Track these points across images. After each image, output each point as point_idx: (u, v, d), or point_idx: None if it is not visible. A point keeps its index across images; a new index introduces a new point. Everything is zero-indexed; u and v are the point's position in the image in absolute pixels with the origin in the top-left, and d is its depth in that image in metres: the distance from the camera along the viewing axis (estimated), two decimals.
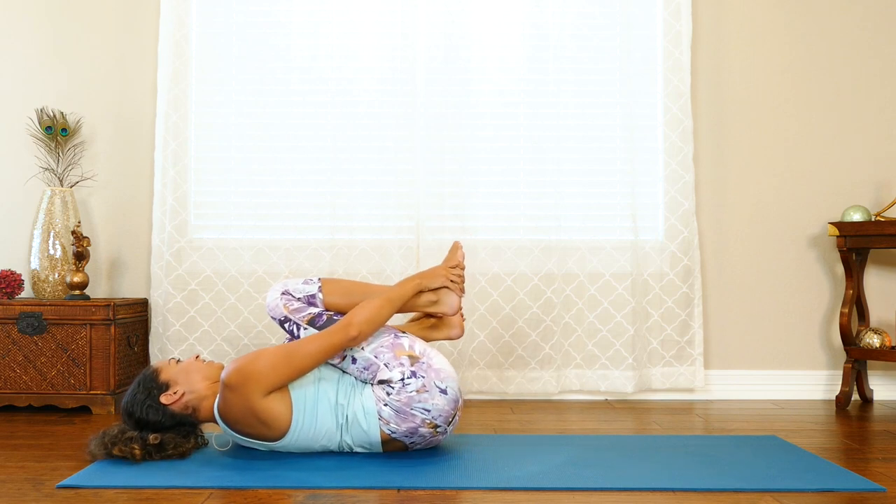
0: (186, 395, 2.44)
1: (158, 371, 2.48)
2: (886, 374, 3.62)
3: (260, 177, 3.57)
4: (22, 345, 3.23)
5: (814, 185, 3.66)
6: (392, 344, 2.45)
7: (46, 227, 3.45)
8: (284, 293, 2.50)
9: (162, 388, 2.44)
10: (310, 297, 2.50)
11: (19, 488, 2.17)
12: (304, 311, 2.49)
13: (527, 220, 3.56)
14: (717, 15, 3.66)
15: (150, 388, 2.44)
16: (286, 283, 2.53)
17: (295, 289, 2.51)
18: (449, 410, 2.42)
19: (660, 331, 3.56)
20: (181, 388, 2.45)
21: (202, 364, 2.52)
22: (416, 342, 2.50)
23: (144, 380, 2.47)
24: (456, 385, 2.45)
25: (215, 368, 2.52)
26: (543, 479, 2.24)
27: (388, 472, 2.30)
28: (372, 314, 2.42)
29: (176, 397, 2.43)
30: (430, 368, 2.42)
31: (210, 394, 2.47)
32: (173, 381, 2.46)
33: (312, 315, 2.48)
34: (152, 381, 2.46)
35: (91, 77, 3.65)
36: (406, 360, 2.42)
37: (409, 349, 2.45)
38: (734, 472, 2.32)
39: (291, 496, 2.09)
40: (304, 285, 2.52)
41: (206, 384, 2.47)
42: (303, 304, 2.50)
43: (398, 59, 3.55)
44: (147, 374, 2.49)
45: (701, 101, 3.65)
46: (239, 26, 3.58)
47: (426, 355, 2.46)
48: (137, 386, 2.47)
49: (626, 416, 3.21)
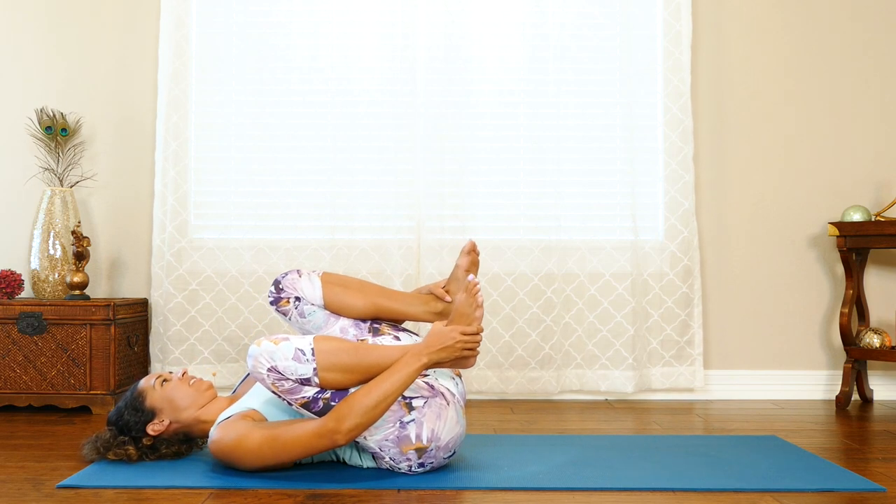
0: (173, 424, 2.40)
1: (144, 395, 2.41)
2: (886, 374, 3.62)
3: (260, 177, 3.57)
4: (22, 345, 3.23)
5: (814, 185, 3.66)
6: (398, 438, 2.21)
7: (46, 227, 3.45)
8: (272, 370, 2.13)
9: (148, 417, 2.39)
10: (303, 380, 2.14)
11: (19, 488, 2.17)
12: (298, 393, 2.15)
13: (527, 220, 3.56)
14: (717, 15, 3.66)
15: (136, 414, 2.39)
16: (272, 355, 2.13)
17: (285, 367, 2.13)
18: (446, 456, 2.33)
19: (660, 331, 3.56)
20: (166, 416, 2.39)
21: (187, 388, 2.42)
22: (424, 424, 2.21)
23: (132, 401, 2.41)
24: (462, 437, 2.32)
25: (201, 391, 2.43)
26: (543, 479, 2.24)
27: (389, 472, 2.29)
28: (363, 420, 2.12)
29: (162, 427, 2.39)
30: (438, 450, 2.25)
31: (196, 422, 2.41)
32: (158, 409, 2.39)
33: (307, 399, 2.16)
34: (138, 407, 2.40)
35: (91, 77, 3.65)
36: (413, 455, 2.23)
37: (416, 441, 2.21)
38: (734, 472, 2.32)
39: (291, 496, 2.09)
40: (295, 363, 2.13)
41: (190, 412, 2.40)
42: (295, 384, 2.14)
43: (398, 59, 3.55)
44: (133, 395, 2.42)
45: (701, 100, 3.65)
46: (239, 26, 3.58)
47: (435, 437, 2.22)
48: (125, 407, 2.41)
49: (626, 416, 3.21)
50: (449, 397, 2.27)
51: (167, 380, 2.44)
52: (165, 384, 2.43)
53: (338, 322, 2.45)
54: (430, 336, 2.21)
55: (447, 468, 2.34)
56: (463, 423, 2.31)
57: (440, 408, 2.24)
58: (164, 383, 2.43)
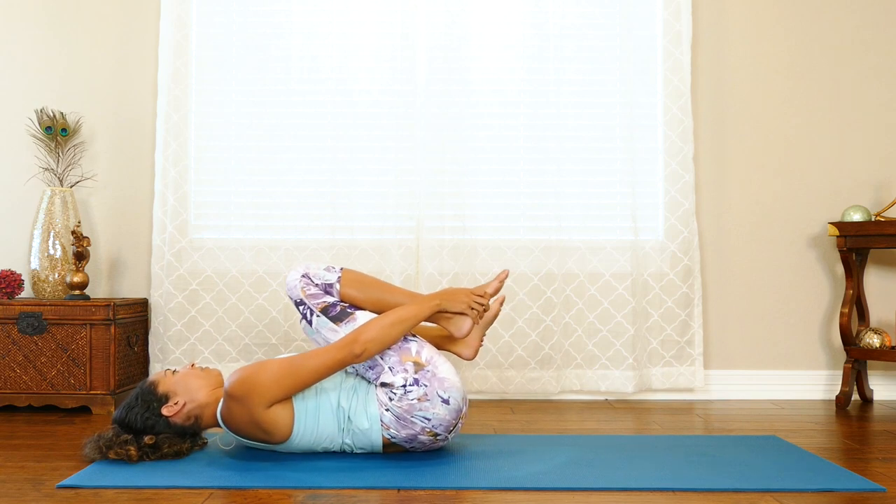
0: (188, 404, 2.43)
1: (156, 383, 2.45)
2: (886, 374, 3.62)
3: (260, 177, 3.57)
4: (22, 345, 3.23)
5: (814, 185, 3.66)
6: (399, 347, 2.42)
7: (46, 227, 3.45)
8: (304, 276, 2.50)
9: (162, 401, 2.42)
10: (327, 286, 2.50)
11: (19, 488, 2.17)
12: (320, 297, 2.48)
13: (527, 220, 3.57)
14: (717, 15, 3.66)
15: (149, 401, 2.42)
16: (308, 265, 2.53)
17: (315, 274, 2.51)
18: (450, 420, 2.40)
19: (660, 331, 3.56)
20: (181, 398, 2.42)
21: (199, 371, 2.49)
22: (424, 348, 2.45)
23: (142, 393, 2.44)
24: (460, 395, 2.41)
25: (213, 375, 2.50)
26: (543, 479, 2.24)
27: (388, 472, 2.30)
28: (381, 334, 2.37)
29: (178, 408, 2.41)
30: (434, 377, 2.38)
31: (211, 401, 2.45)
32: (172, 392, 2.43)
33: (327, 304, 2.47)
34: (151, 394, 2.43)
35: (91, 77, 3.65)
36: (410, 367, 2.38)
37: (415, 355, 2.41)
38: (734, 472, 2.33)
39: (292, 496, 2.09)
40: (325, 272, 2.52)
41: (206, 392, 2.45)
42: (320, 290, 2.49)
43: (398, 59, 3.55)
44: (144, 387, 2.45)
45: (701, 100, 3.65)
46: (239, 26, 3.58)
47: (432, 363, 2.40)
48: (135, 400, 2.43)
49: (626, 416, 3.21)
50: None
51: (176, 371, 2.51)
52: (176, 373, 2.49)
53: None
54: (443, 290, 2.57)
55: (447, 468, 2.34)
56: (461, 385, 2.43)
57: (440, 352, 2.50)
58: (175, 373, 2.49)
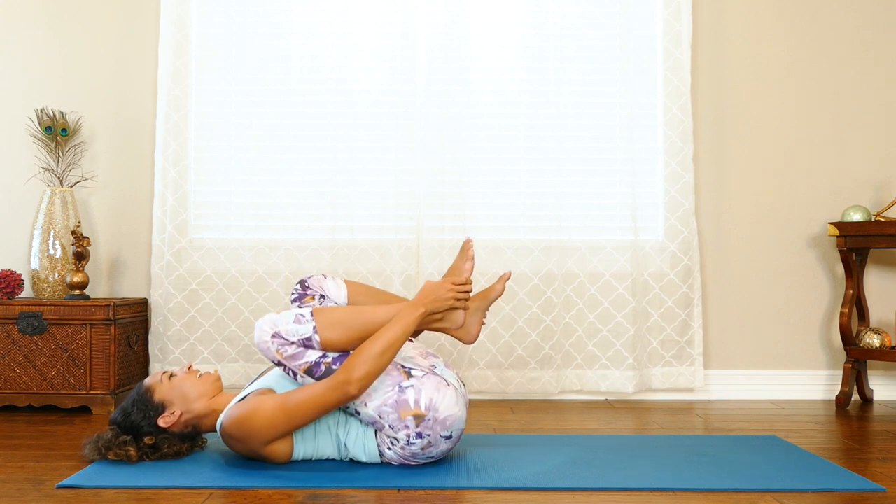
0: (185, 415, 2.40)
1: (152, 391, 2.41)
2: (886, 374, 3.62)
3: (260, 177, 3.57)
4: (22, 345, 3.23)
5: (814, 185, 3.66)
6: (396, 402, 2.26)
7: (46, 227, 3.45)
8: (275, 336, 2.24)
9: (158, 410, 2.38)
10: (304, 340, 2.25)
11: (19, 488, 2.17)
12: (301, 357, 2.25)
13: (527, 220, 3.57)
14: (717, 15, 3.66)
15: (145, 409, 2.38)
16: (275, 322, 2.25)
17: (287, 331, 2.24)
18: (451, 447, 2.36)
19: (660, 331, 3.56)
20: (177, 408, 2.39)
21: (196, 379, 2.43)
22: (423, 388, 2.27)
23: (139, 400, 2.40)
24: (462, 424, 2.34)
25: (210, 381, 2.44)
26: (543, 479, 2.24)
27: (388, 472, 2.30)
28: (372, 367, 2.21)
29: (174, 419, 2.38)
30: (436, 423, 2.27)
31: (209, 412, 2.41)
32: (168, 401, 2.39)
33: (309, 364, 2.25)
34: (147, 402, 2.39)
35: (91, 77, 3.65)
36: (412, 422, 2.26)
37: (413, 407, 2.26)
38: (734, 472, 2.33)
39: (292, 496, 2.09)
40: (296, 325, 2.25)
41: (203, 402, 2.41)
42: (298, 347, 2.25)
43: (398, 59, 3.55)
44: (140, 393, 2.41)
45: (701, 100, 3.65)
46: (239, 26, 3.58)
47: (433, 407, 2.26)
48: (131, 406, 2.40)
49: (626, 416, 3.21)
50: (451, 381, 2.33)
51: (173, 374, 2.45)
52: (173, 378, 2.43)
53: None
54: (423, 290, 2.36)
55: (447, 468, 2.34)
56: (463, 411, 2.33)
57: (439, 384, 2.30)
58: (171, 378, 2.43)
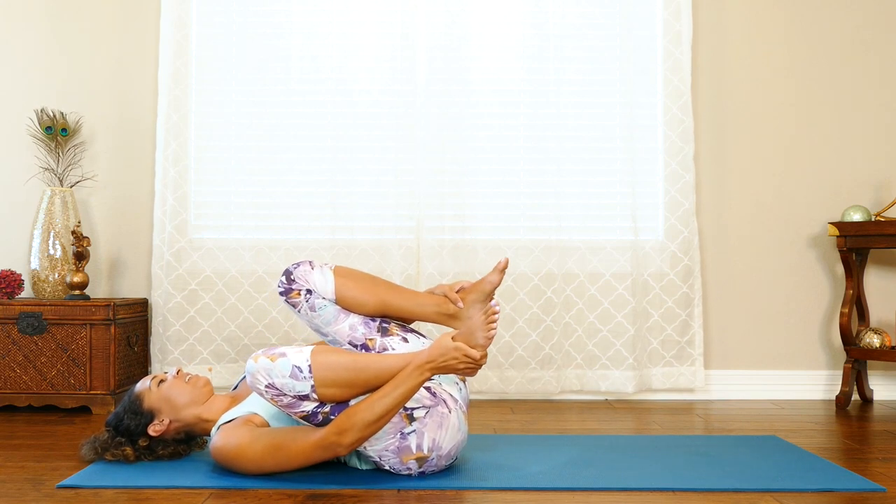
0: (173, 423, 2.40)
1: (141, 398, 2.41)
2: (886, 374, 3.62)
3: (260, 177, 3.57)
4: (22, 345, 3.23)
5: (814, 185, 3.66)
6: (398, 448, 2.20)
7: (46, 227, 3.45)
8: (269, 387, 2.12)
9: (147, 418, 2.39)
10: (301, 396, 2.13)
11: (19, 488, 2.17)
12: (297, 407, 2.15)
13: (527, 220, 3.56)
14: (717, 15, 3.66)
15: (135, 416, 2.39)
16: (270, 372, 2.12)
17: (283, 384, 2.11)
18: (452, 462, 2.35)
19: (660, 331, 3.56)
20: (166, 416, 2.40)
21: (184, 385, 2.42)
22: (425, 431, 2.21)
23: (130, 406, 2.41)
24: (464, 443, 2.32)
25: (199, 389, 2.43)
26: (543, 479, 2.24)
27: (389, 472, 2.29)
28: (366, 434, 2.13)
29: (163, 427, 2.39)
30: (440, 458, 2.25)
31: (197, 420, 2.41)
32: (157, 409, 2.39)
33: (306, 413, 2.16)
34: (137, 410, 2.40)
35: (91, 77, 3.65)
36: (414, 464, 2.23)
37: (416, 451, 2.21)
38: (734, 472, 2.32)
39: (291, 496, 2.09)
40: (292, 381, 2.11)
41: (191, 410, 2.40)
42: (294, 399, 2.13)
43: (398, 59, 3.55)
44: (131, 398, 2.42)
45: (701, 100, 3.65)
46: (239, 26, 3.58)
47: (436, 447, 2.22)
48: (124, 412, 2.41)
49: (626, 416, 3.21)
50: (451, 404, 2.26)
51: (163, 380, 2.44)
52: (162, 384, 2.43)
53: (347, 319, 2.36)
54: (434, 349, 2.16)
55: (447, 468, 2.34)
56: (465, 429, 2.30)
57: (442, 417, 2.22)
58: (161, 384, 2.43)
